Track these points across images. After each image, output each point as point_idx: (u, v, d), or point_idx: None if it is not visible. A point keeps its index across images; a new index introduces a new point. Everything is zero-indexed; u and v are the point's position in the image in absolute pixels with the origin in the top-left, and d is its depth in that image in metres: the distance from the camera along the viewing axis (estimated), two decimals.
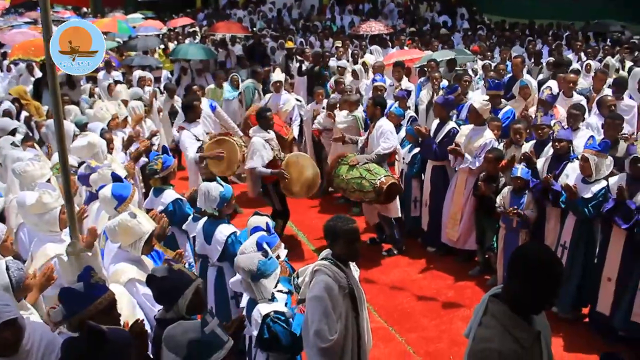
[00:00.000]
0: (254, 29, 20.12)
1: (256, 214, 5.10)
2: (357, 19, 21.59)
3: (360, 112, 8.50)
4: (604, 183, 5.53)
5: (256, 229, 4.69)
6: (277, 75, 10.24)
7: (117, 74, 12.43)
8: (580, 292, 5.82)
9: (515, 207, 6.07)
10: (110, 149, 6.79)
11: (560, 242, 5.89)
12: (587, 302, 5.87)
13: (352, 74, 11.13)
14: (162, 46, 16.80)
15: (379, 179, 6.83)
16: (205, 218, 5.17)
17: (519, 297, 2.67)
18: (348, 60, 12.81)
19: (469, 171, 6.80)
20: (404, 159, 7.63)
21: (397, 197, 7.22)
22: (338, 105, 8.74)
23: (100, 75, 12.23)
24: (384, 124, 7.25)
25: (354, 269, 3.97)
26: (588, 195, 5.53)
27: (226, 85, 10.98)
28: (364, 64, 11.63)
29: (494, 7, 25.95)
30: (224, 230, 5.01)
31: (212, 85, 11.42)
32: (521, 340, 2.64)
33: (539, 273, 2.61)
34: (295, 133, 9.27)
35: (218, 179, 5.34)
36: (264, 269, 3.99)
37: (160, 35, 18.60)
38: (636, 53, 12.76)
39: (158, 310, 3.57)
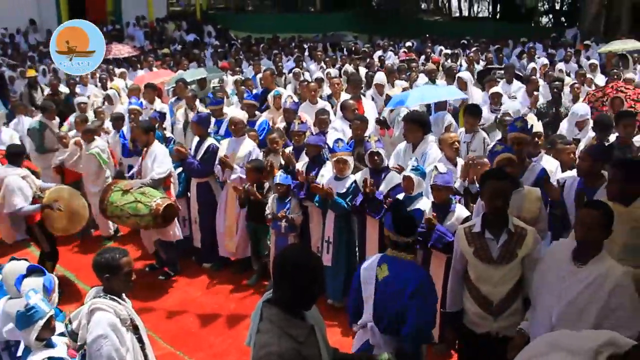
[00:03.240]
0: None
1: (12, 259, 4.66)
2: None
3: (100, 145, 8.17)
4: (352, 178, 6.09)
5: (22, 275, 4.28)
6: None
7: None
8: (348, 281, 6.29)
9: (283, 211, 6.38)
10: None
11: (324, 238, 6.30)
12: None
13: (105, 99, 10.65)
14: None
15: (155, 201, 6.66)
16: None
17: (288, 297, 2.85)
18: (97, 85, 12.27)
19: (240, 181, 6.95)
20: None
21: (176, 220, 7.12)
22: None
23: None
24: (157, 149, 7.07)
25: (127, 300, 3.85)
26: (342, 190, 6.04)
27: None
28: (111, 88, 11.24)
29: (240, 24, 26.98)
30: None
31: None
32: (297, 337, 2.80)
33: (298, 273, 2.81)
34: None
35: None
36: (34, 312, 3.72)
37: None
38: (367, 60, 14.18)
39: None
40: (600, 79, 11.42)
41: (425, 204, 5.35)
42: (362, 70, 12.62)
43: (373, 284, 3.77)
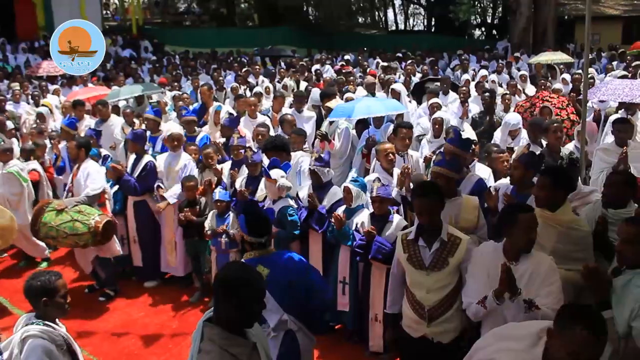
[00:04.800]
0: None
1: None
2: (33, 58, 20.09)
3: (18, 164, 7.88)
4: (293, 194, 6.07)
5: None
6: None
7: None
8: None
9: (223, 225, 6.33)
10: None
11: None
12: None
13: (38, 117, 10.33)
14: None
15: (94, 219, 6.52)
16: None
17: (229, 316, 2.81)
18: (29, 103, 11.91)
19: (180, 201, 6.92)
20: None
21: (114, 236, 6.99)
22: None
23: None
24: (89, 166, 6.97)
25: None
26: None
27: None
28: (43, 105, 10.96)
29: (177, 39, 26.73)
30: None
31: None
32: (239, 356, 2.77)
33: (240, 291, 2.77)
34: None
35: None
36: None
37: None
38: (306, 73, 14.27)
39: None
40: (530, 90, 11.86)
41: (364, 215, 5.41)
42: (302, 84, 12.71)
43: None
